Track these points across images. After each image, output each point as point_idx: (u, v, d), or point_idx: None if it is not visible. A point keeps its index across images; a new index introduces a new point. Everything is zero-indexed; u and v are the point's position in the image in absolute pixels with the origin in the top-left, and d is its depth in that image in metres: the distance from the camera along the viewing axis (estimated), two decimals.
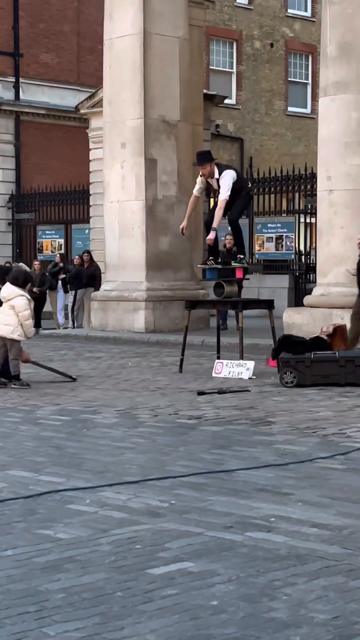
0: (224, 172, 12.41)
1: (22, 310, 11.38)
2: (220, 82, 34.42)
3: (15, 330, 11.37)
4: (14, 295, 11.41)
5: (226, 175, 12.37)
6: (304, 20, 37.45)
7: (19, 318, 11.35)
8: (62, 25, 31.20)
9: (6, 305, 11.44)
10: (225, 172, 12.43)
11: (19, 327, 11.39)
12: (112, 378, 12.24)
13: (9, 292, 11.47)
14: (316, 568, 4.30)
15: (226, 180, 12.33)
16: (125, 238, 19.36)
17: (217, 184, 12.36)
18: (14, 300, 11.39)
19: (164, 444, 7.52)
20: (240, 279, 12.78)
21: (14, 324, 11.35)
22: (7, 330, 11.35)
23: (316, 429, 8.12)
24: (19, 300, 11.40)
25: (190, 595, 3.95)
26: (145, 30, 18.92)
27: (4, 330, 11.37)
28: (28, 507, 5.51)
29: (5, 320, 11.37)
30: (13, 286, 11.54)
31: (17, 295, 11.42)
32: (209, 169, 12.35)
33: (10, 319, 11.35)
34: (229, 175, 12.40)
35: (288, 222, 23.93)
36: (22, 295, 11.48)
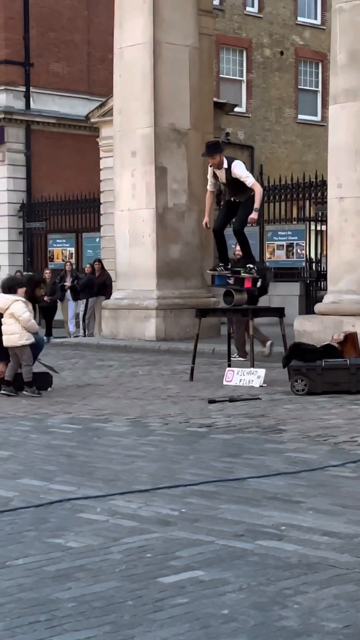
0: (234, 163, 12.53)
1: (21, 314, 11.42)
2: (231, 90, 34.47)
3: (22, 337, 11.41)
4: (10, 303, 11.48)
5: (238, 165, 12.50)
6: (314, 28, 37.48)
7: (20, 323, 11.40)
8: (72, 34, 31.30)
9: (6, 315, 11.50)
10: (236, 162, 12.57)
11: (24, 332, 11.42)
12: (123, 386, 12.25)
13: (4, 301, 11.55)
14: (327, 576, 4.30)
15: (241, 168, 12.45)
16: (135, 246, 19.38)
17: (225, 174, 12.37)
18: (12, 307, 11.44)
19: (174, 452, 7.52)
20: (249, 288, 12.78)
21: (18, 331, 11.40)
22: (14, 339, 11.40)
23: (327, 436, 8.10)
24: (16, 306, 11.45)
25: (201, 604, 3.94)
26: (155, 39, 18.96)
27: (11, 340, 11.42)
28: (39, 515, 5.51)
29: (9, 330, 11.43)
30: (6, 295, 11.61)
31: (12, 302, 11.48)
32: (218, 159, 12.40)
33: (14, 327, 11.41)
34: (241, 164, 12.56)
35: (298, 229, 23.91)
36: (17, 300, 11.52)
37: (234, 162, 12.54)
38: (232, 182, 12.41)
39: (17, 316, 11.38)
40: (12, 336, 11.40)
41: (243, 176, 12.38)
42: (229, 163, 12.42)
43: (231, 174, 12.32)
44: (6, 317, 11.47)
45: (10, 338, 11.42)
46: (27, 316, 11.45)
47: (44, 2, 30.42)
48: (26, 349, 11.47)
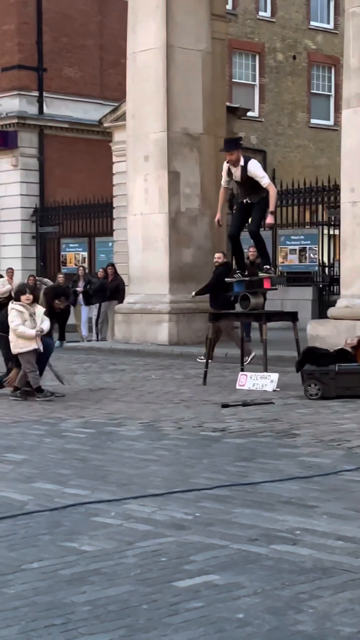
0: (251, 161, 12.57)
1: (10, 323, 11.48)
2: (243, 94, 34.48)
3: (17, 345, 11.49)
4: (10, 311, 11.56)
5: (255, 164, 12.55)
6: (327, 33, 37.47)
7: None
8: (85, 39, 31.37)
9: None
10: (253, 161, 12.62)
11: (19, 341, 11.48)
12: (136, 390, 12.25)
13: (9, 309, 11.62)
14: (342, 581, 4.29)
15: (258, 167, 12.50)
16: (148, 251, 19.40)
17: (241, 172, 12.37)
18: (9, 316, 11.53)
19: (188, 456, 7.52)
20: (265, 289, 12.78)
21: (13, 339, 11.48)
22: (11, 347, 11.48)
23: (341, 441, 8.09)
24: (10, 316, 11.51)
25: (215, 608, 3.94)
26: (168, 44, 19.00)
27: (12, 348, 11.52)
28: (53, 519, 5.52)
29: (10, 338, 11.52)
30: (12, 303, 11.67)
31: (10, 310, 11.56)
32: (235, 156, 12.39)
33: (11, 335, 11.51)
34: (257, 163, 12.62)
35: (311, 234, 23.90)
36: (13, 309, 11.56)
37: (250, 160, 12.57)
38: (247, 181, 12.40)
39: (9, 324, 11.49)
40: (11, 344, 11.53)
41: (259, 175, 12.38)
42: (245, 161, 12.44)
43: (247, 172, 12.32)
44: None
45: (11, 346, 11.55)
46: (14, 324, 11.45)
47: (57, 7, 30.50)
48: (24, 356, 11.46)
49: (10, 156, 29.85)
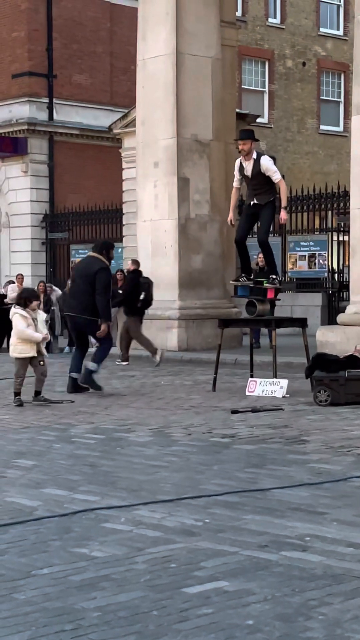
0: (264, 156, 12.68)
1: (15, 326, 11.52)
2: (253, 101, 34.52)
3: (15, 349, 11.55)
4: (12, 315, 11.60)
5: (268, 159, 12.61)
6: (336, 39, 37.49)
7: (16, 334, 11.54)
8: (95, 46, 31.45)
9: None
10: (265, 156, 12.68)
11: (17, 345, 11.53)
12: (145, 396, 12.26)
13: (11, 314, 11.65)
14: (352, 588, 4.28)
15: (270, 162, 12.55)
16: (158, 257, 19.42)
17: (253, 166, 12.41)
18: (13, 320, 11.57)
19: (197, 462, 7.52)
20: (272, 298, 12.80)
21: (13, 343, 11.55)
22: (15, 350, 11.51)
23: (351, 447, 8.08)
24: (15, 320, 11.56)
25: (225, 615, 3.94)
26: (178, 51, 19.04)
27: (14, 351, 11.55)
28: (63, 525, 5.53)
29: (12, 341, 11.57)
30: (15, 307, 11.71)
31: (14, 315, 11.59)
32: (249, 146, 12.47)
33: (13, 339, 11.55)
34: (270, 159, 12.66)
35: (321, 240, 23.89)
36: (16, 313, 11.61)
37: (263, 155, 12.65)
38: (258, 177, 12.43)
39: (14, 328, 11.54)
40: (10, 347, 11.60)
41: (271, 170, 12.44)
42: (258, 155, 12.50)
43: (259, 166, 12.37)
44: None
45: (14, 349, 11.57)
46: (19, 329, 11.51)
47: (67, 14, 30.59)
48: (21, 362, 11.53)
49: (21, 162, 29.93)
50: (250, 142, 12.52)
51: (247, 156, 12.47)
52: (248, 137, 12.63)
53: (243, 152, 12.48)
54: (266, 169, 12.40)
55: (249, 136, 12.67)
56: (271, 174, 12.44)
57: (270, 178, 12.49)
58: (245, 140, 12.52)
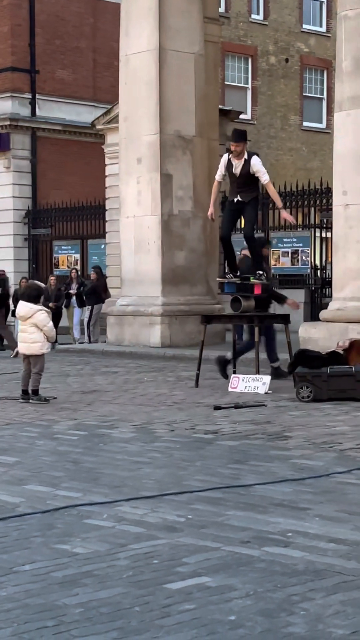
0: (255, 156, 12.71)
1: (46, 324, 11.48)
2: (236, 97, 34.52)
3: (44, 346, 11.52)
4: (33, 312, 11.47)
5: (259, 160, 12.66)
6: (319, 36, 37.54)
7: (43, 332, 11.45)
8: (78, 41, 31.37)
9: (27, 324, 11.50)
10: (256, 157, 12.72)
11: (46, 342, 11.52)
12: (128, 393, 12.26)
13: (27, 310, 11.52)
14: (334, 583, 4.30)
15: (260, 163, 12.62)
16: (141, 253, 19.40)
17: (243, 165, 12.43)
18: (35, 316, 11.45)
19: (180, 458, 7.53)
20: (259, 295, 12.81)
21: (41, 340, 11.47)
22: (36, 347, 11.45)
23: (333, 443, 8.10)
24: (40, 316, 11.48)
25: (207, 610, 3.95)
26: (161, 47, 19.01)
27: (33, 348, 11.46)
28: (45, 521, 5.52)
29: (32, 338, 11.45)
30: (29, 303, 11.59)
31: (36, 312, 11.49)
32: (242, 147, 12.52)
33: (36, 335, 11.44)
34: (259, 160, 12.70)
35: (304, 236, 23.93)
36: (40, 310, 11.56)
37: (254, 155, 12.68)
38: (245, 176, 12.46)
39: (41, 326, 11.44)
40: (34, 345, 11.46)
41: (261, 171, 12.50)
42: (249, 155, 12.53)
43: (249, 166, 12.40)
44: (27, 325, 11.51)
45: (32, 347, 11.47)
46: (50, 326, 11.58)
47: (50, 10, 30.50)
48: (41, 358, 11.53)
49: (3, 158, 29.84)
50: (243, 144, 12.56)
51: (239, 156, 12.49)
52: (242, 139, 12.63)
53: (235, 153, 12.50)
54: (256, 170, 12.44)
55: (242, 138, 12.68)
56: (260, 175, 12.49)
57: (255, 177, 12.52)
58: (238, 143, 12.53)
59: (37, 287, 12.71)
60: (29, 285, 13.93)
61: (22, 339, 11.59)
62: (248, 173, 12.44)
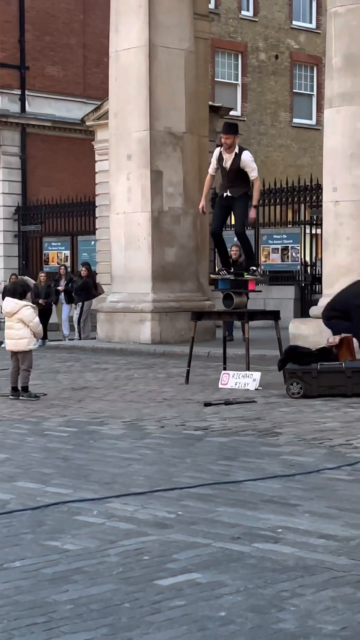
0: (246, 151, 12.69)
1: (32, 320, 11.45)
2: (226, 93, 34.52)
3: (31, 342, 11.48)
4: (19, 308, 11.45)
5: (249, 155, 12.64)
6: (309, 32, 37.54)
7: (30, 328, 11.42)
8: (68, 38, 31.31)
9: (13, 320, 11.47)
10: (247, 152, 12.71)
11: (33, 338, 11.49)
12: (118, 389, 12.25)
13: (13, 306, 11.50)
14: (324, 579, 4.30)
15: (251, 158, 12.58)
16: (131, 250, 19.38)
17: (233, 159, 12.43)
18: (20, 312, 11.43)
19: (170, 455, 7.53)
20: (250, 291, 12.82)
21: (28, 336, 11.43)
22: (23, 343, 11.42)
23: (323, 440, 8.11)
24: (25, 311, 11.46)
25: (198, 606, 3.95)
26: (151, 43, 18.99)
27: (20, 344, 11.43)
28: (36, 518, 5.51)
29: (18, 334, 11.42)
30: (14, 299, 11.58)
31: (22, 307, 11.47)
32: (232, 140, 12.51)
33: (23, 332, 11.41)
34: (250, 156, 12.68)
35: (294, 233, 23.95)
36: (26, 306, 11.54)
37: (245, 150, 12.67)
38: (235, 171, 12.46)
39: (27, 322, 11.41)
40: (22, 341, 11.43)
41: (251, 167, 12.49)
42: (240, 149, 12.53)
43: (239, 161, 12.40)
44: (13, 321, 11.48)
45: (20, 342, 11.44)
46: (37, 321, 11.55)
47: (40, 6, 30.43)
48: (30, 354, 11.51)
49: None
50: (234, 136, 12.56)
51: (229, 149, 12.49)
52: (232, 132, 12.63)
53: (225, 146, 12.50)
54: (246, 165, 12.44)
55: (233, 131, 12.67)
56: (249, 170, 12.48)
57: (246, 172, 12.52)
58: (228, 135, 12.54)
59: (23, 283, 12.70)
60: (15, 281, 13.92)
61: (9, 335, 11.56)
62: (238, 168, 12.43)
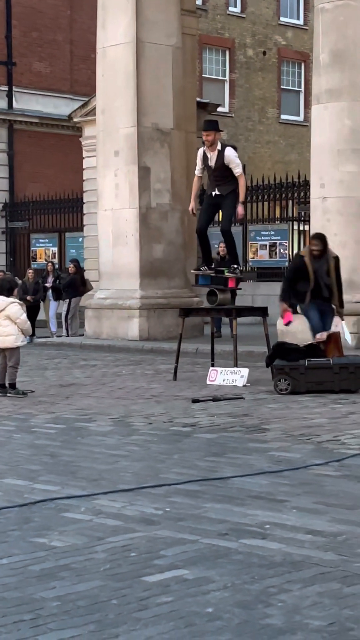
0: (229, 147, 12.66)
1: (19, 316, 11.41)
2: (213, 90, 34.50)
3: (18, 338, 11.43)
4: (6, 305, 11.43)
5: (232, 151, 12.60)
6: (297, 28, 37.56)
7: (17, 325, 11.39)
8: (55, 34, 31.25)
9: (0, 317, 11.44)
10: (230, 148, 12.67)
11: (20, 334, 11.44)
12: (106, 386, 12.24)
13: (7, 304, 11.47)
14: (311, 574, 4.31)
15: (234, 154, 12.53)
16: (119, 246, 19.36)
17: (217, 157, 12.39)
18: (7, 309, 11.40)
19: (158, 451, 7.53)
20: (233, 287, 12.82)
21: (15, 333, 11.39)
22: (10, 340, 11.37)
23: (310, 435, 8.12)
24: (12, 308, 11.42)
25: (185, 603, 3.95)
26: (139, 39, 18.96)
27: (7, 341, 11.38)
28: (23, 515, 5.50)
29: (5, 331, 11.38)
30: (1, 296, 11.55)
31: (9, 304, 11.44)
32: (213, 137, 12.46)
33: (10, 328, 11.38)
34: (233, 151, 12.61)
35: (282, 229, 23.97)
36: (13, 303, 11.50)
37: (228, 147, 12.62)
38: (221, 168, 12.43)
39: (14, 318, 11.37)
40: (9, 337, 11.39)
41: (234, 163, 12.43)
42: (223, 146, 12.49)
43: (223, 158, 12.36)
44: (0, 318, 11.44)
45: (7, 339, 11.40)
46: (24, 318, 11.49)
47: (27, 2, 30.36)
48: (17, 351, 11.47)
49: None
50: (214, 133, 12.50)
51: (212, 147, 12.46)
52: (212, 128, 12.59)
53: (207, 143, 12.46)
54: (229, 161, 12.40)
55: (213, 127, 12.63)
56: (233, 166, 12.44)
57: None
58: (209, 132, 12.50)
59: (9, 280, 12.65)
60: (2, 278, 13.87)
61: None
62: (223, 165, 12.41)
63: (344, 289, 14.70)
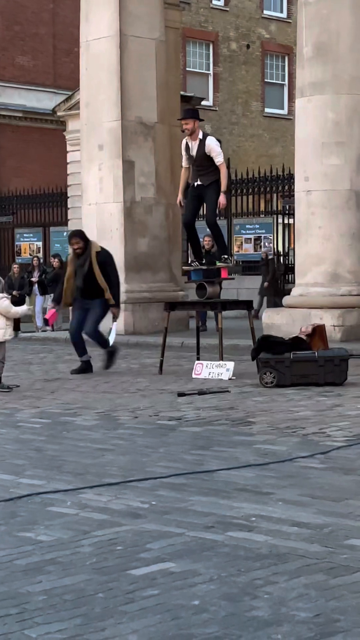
0: (210, 137, 12.62)
1: (9, 310, 11.35)
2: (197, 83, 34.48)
3: (6, 333, 11.35)
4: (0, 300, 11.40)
5: (213, 140, 12.57)
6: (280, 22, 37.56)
7: (6, 319, 11.32)
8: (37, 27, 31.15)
9: None
10: (210, 137, 12.63)
11: (8, 329, 11.36)
12: (92, 380, 12.23)
13: None
14: (297, 566, 4.32)
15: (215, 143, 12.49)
16: (104, 240, 19.27)
17: (198, 146, 12.37)
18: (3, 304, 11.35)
19: (144, 445, 7.52)
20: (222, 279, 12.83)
21: (3, 327, 11.32)
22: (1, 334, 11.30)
23: (296, 428, 8.14)
24: (2, 303, 11.37)
25: (171, 595, 3.95)
26: (122, 32, 18.92)
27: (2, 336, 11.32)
28: (9, 509, 5.49)
29: None
30: None
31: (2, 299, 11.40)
32: (191, 125, 12.40)
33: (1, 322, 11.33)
34: (216, 140, 12.59)
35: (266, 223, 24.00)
36: (2, 299, 11.45)
37: (209, 136, 12.58)
38: (202, 158, 12.40)
39: (5, 312, 11.29)
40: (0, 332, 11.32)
41: (215, 152, 12.37)
42: (204, 135, 12.46)
43: (204, 147, 12.32)
44: None
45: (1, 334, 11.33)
46: (13, 312, 11.37)
47: None
48: (4, 346, 11.41)
49: None
50: (193, 121, 12.43)
51: (193, 136, 12.42)
52: (190, 116, 12.57)
53: (187, 132, 12.44)
54: (210, 149, 12.35)
55: (191, 115, 12.60)
56: (214, 155, 12.39)
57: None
58: (187, 120, 12.47)
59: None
60: None
61: None
62: (204, 154, 12.38)
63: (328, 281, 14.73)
